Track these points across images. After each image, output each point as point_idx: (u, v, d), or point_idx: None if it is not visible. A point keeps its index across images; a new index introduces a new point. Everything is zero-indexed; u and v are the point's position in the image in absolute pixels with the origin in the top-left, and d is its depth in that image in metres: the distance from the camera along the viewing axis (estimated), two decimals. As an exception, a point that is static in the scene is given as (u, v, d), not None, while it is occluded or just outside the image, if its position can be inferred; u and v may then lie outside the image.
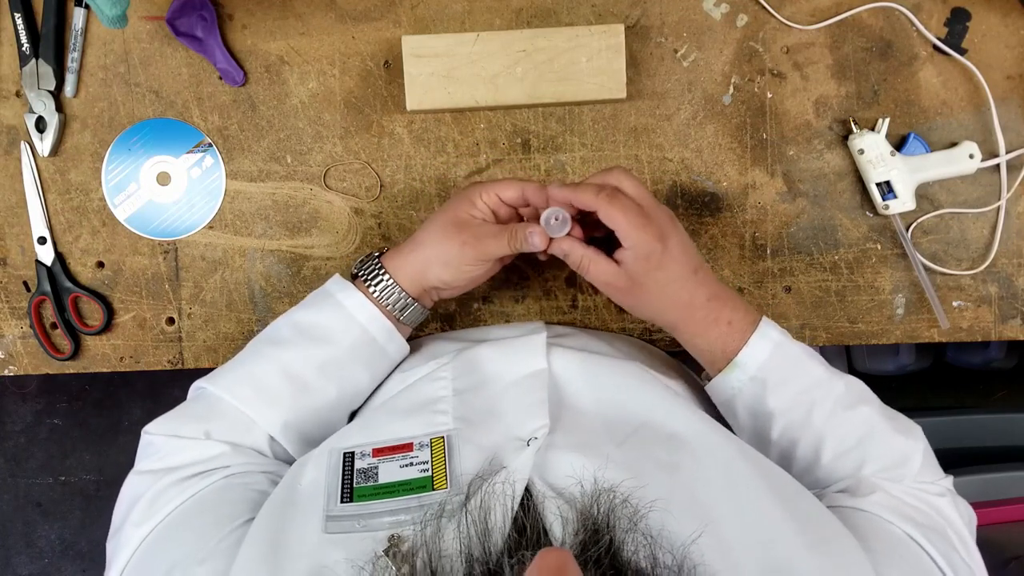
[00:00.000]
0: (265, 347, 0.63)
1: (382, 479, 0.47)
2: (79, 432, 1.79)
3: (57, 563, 1.80)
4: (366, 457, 0.49)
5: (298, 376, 0.60)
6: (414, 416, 0.53)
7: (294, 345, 0.62)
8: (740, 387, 0.60)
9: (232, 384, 0.61)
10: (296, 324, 0.63)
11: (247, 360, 0.62)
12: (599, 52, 0.70)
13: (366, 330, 0.62)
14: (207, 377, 0.62)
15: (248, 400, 0.60)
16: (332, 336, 0.61)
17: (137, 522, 0.52)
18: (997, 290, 0.75)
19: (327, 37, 0.74)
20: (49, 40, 0.72)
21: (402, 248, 0.63)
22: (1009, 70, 0.73)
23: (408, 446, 0.49)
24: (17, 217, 0.75)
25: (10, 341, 0.76)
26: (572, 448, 0.47)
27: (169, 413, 0.60)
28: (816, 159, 0.74)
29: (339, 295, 0.63)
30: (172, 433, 0.58)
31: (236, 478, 0.55)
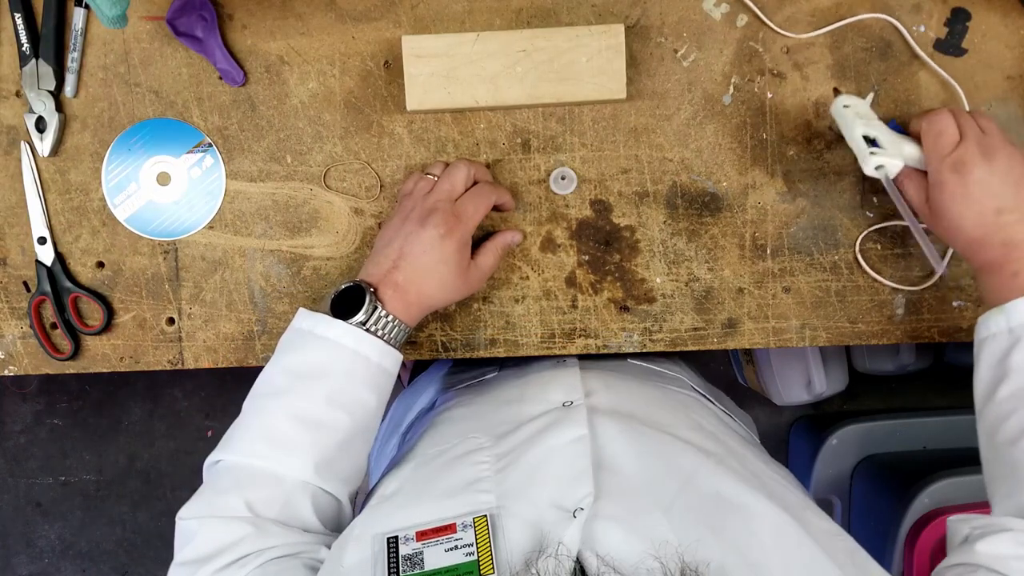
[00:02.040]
0: (265, 401, 0.61)
1: (428, 565, 0.46)
2: (79, 432, 1.79)
3: (57, 563, 1.80)
4: (410, 542, 0.48)
5: (309, 417, 0.59)
6: (455, 497, 0.51)
7: (293, 390, 0.60)
8: (995, 333, 0.60)
9: (247, 446, 0.59)
10: (288, 370, 0.62)
11: (252, 419, 0.61)
12: (599, 52, 0.70)
13: (357, 352, 0.61)
14: (217, 449, 0.60)
15: (268, 456, 0.58)
16: (326, 369, 0.60)
17: None
18: (997, 290, 0.75)
19: (327, 37, 0.74)
20: (49, 40, 0.72)
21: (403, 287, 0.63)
22: (1009, 70, 0.73)
23: (451, 527, 0.48)
24: (17, 217, 0.75)
25: (10, 341, 0.76)
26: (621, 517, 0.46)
27: (197, 495, 0.59)
28: (816, 159, 0.74)
29: (318, 330, 0.61)
30: (208, 514, 0.57)
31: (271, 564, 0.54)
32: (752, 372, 1.58)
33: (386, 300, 0.62)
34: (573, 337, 0.75)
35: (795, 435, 1.70)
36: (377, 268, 0.64)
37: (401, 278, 0.63)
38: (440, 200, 0.64)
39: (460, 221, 0.63)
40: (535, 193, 0.74)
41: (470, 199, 0.65)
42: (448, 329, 0.76)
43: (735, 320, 0.75)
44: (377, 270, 0.64)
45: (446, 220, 0.63)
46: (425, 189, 0.67)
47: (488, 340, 0.76)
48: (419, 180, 0.68)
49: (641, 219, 0.75)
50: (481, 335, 0.76)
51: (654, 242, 0.75)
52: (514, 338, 0.75)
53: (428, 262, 0.63)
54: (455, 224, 0.63)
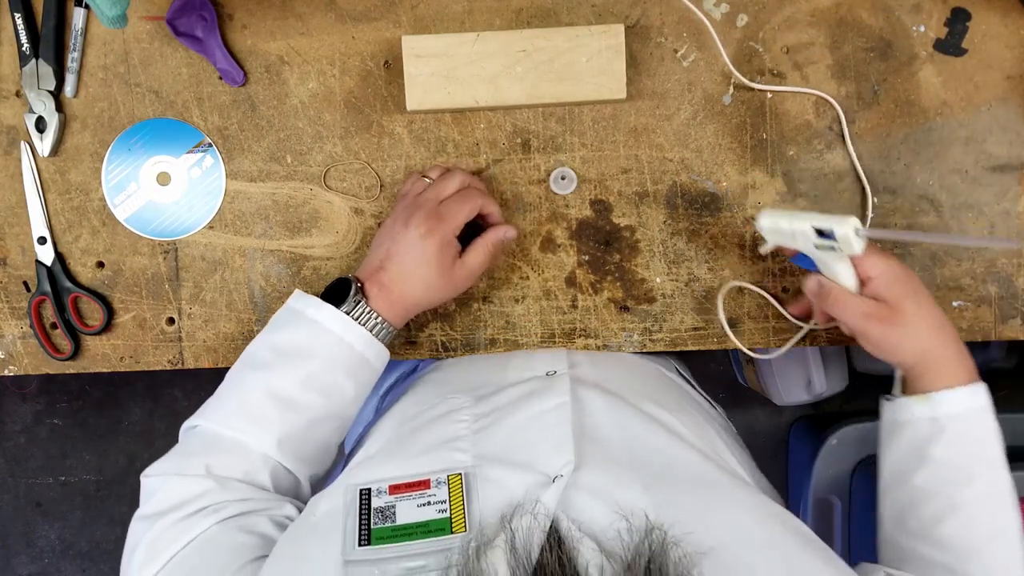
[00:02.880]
0: (247, 373, 0.63)
1: (400, 519, 0.47)
2: (79, 432, 1.79)
3: (57, 563, 1.80)
4: (383, 495, 0.48)
5: (283, 395, 0.60)
6: (431, 453, 0.52)
7: (274, 366, 0.61)
8: (916, 419, 0.61)
9: (221, 415, 0.61)
10: (273, 346, 0.63)
11: (231, 389, 0.62)
12: (599, 52, 0.70)
13: (342, 339, 0.62)
14: (196, 414, 0.62)
15: (239, 427, 0.60)
16: (310, 350, 0.61)
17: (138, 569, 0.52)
18: (997, 290, 0.75)
19: (327, 37, 0.74)
20: (49, 40, 0.72)
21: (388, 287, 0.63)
22: (1009, 70, 0.73)
23: (425, 483, 0.48)
24: (17, 217, 0.75)
25: (10, 341, 0.76)
26: (600, 487, 0.46)
27: (166, 455, 0.60)
28: (816, 159, 0.74)
29: (309, 311, 0.62)
30: (172, 472, 0.58)
31: (232, 521, 0.54)
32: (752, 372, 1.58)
33: (371, 297, 0.63)
34: (573, 337, 0.75)
35: (795, 435, 1.70)
36: (367, 267, 0.65)
37: (386, 278, 0.64)
38: (426, 201, 0.65)
39: (441, 221, 0.63)
40: (535, 193, 0.74)
41: (454, 200, 0.65)
42: (448, 329, 0.76)
43: (735, 320, 0.75)
44: (367, 268, 0.65)
45: (427, 219, 0.63)
46: (418, 191, 0.67)
47: (488, 340, 0.76)
48: (415, 182, 0.69)
49: (641, 219, 0.75)
50: (481, 335, 0.76)
51: (654, 242, 0.75)
52: (514, 338, 0.75)
53: (410, 262, 0.63)
54: (436, 224, 0.63)
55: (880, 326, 0.61)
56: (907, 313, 0.60)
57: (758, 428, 1.72)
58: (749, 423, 1.72)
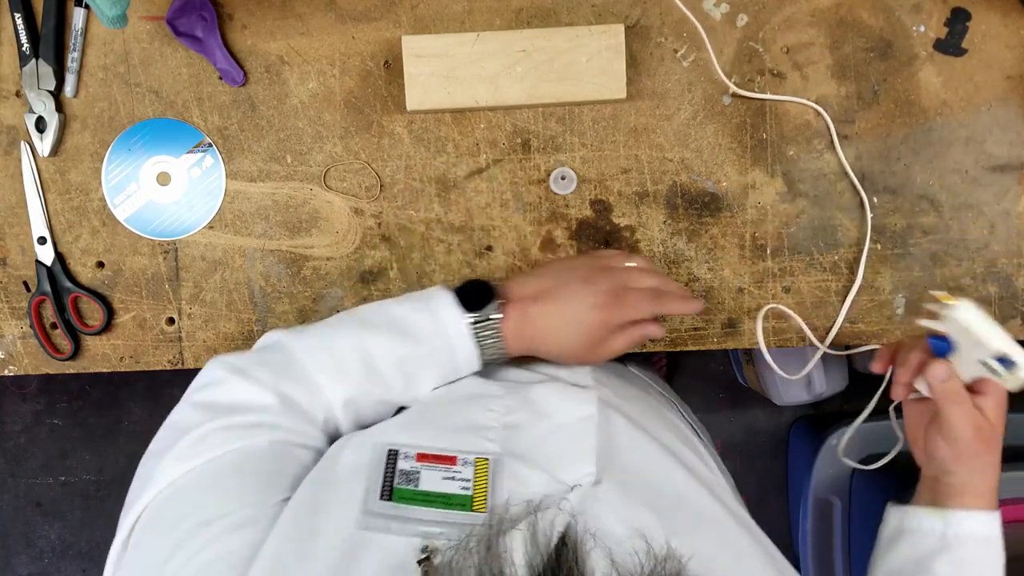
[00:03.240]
0: (353, 326, 0.62)
1: (423, 486, 0.47)
2: (79, 432, 1.79)
3: (57, 563, 1.80)
4: (410, 459, 0.49)
5: (374, 362, 0.60)
6: (460, 434, 0.52)
7: (381, 333, 0.61)
8: (927, 532, 0.61)
9: (312, 348, 0.60)
10: (388, 314, 0.62)
11: (332, 331, 0.61)
12: (599, 52, 0.70)
13: (451, 345, 0.61)
14: (287, 332, 0.61)
15: (323, 368, 0.59)
16: (419, 337, 0.61)
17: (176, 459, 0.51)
18: (997, 290, 0.75)
19: (327, 37, 0.74)
20: (49, 40, 0.72)
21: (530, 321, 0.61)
22: (1009, 70, 0.73)
23: (452, 459, 0.49)
24: (17, 217, 0.75)
25: (10, 341, 0.76)
26: (616, 504, 0.47)
27: (245, 353, 0.60)
28: (816, 159, 0.74)
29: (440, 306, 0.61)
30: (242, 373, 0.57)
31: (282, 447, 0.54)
32: (752, 372, 1.58)
33: (508, 318, 0.61)
34: (573, 337, 0.75)
35: (795, 435, 1.70)
36: (521, 288, 0.63)
37: (534, 312, 0.61)
38: (620, 279, 0.63)
39: (620, 306, 0.61)
40: (535, 193, 0.74)
41: (644, 296, 0.63)
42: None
43: (735, 320, 0.75)
44: (520, 290, 0.63)
45: (609, 295, 0.61)
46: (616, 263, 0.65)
47: (488, 340, 0.76)
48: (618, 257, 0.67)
49: (641, 219, 0.75)
50: (481, 335, 0.76)
51: (654, 242, 0.75)
52: (514, 338, 0.75)
53: (567, 318, 0.61)
54: (614, 304, 0.61)
55: (976, 443, 0.59)
56: (997, 442, 0.60)
57: (758, 428, 1.72)
58: (749, 423, 1.72)
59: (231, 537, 0.45)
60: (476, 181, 0.75)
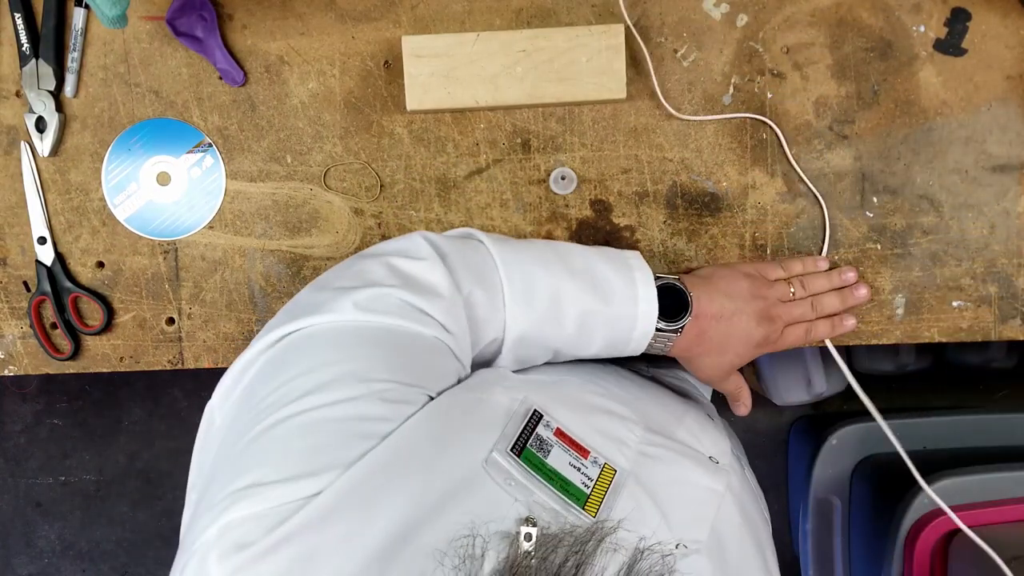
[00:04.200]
0: (555, 262, 0.62)
1: (550, 461, 0.47)
2: (79, 432, 1.79)
3: (57, 563, 1.80)
4: (549, 429, 0.49)
5: (562, 305, 0.60)
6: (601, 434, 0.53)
7: (579, 280, 0.62)
8: None
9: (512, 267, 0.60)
10: (591, 267, 0.63)
11: (533, 257, 0.62)
12: (599, 52, 0.70)
13: (634, 317, 0.62)
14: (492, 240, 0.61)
15: (515, 293, 0.59)
16: (610, 299, 0.62)
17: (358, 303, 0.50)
18: (997, 290, 0.75)
19: (327, 37, 0.74)
20: (49, 40, 0.72)
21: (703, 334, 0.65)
22: (1009, 70, 0.73)
23: (586, 452, 0.50)
24: (17, 217, 0.75)
25: (10, 341, 0.76)
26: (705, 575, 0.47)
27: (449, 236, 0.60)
28: (816, 159, 0.74)
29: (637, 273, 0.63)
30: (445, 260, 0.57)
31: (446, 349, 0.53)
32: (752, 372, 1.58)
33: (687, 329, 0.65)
34: (573, 337, 0.75)
35: (795, 435, 1.70)
36: (711, 306, 0.65)
37: (710, 329, 0.65)
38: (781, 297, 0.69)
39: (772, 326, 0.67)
40: (535, 193, 0.74)
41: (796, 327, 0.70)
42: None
43: (735, 320, 0.75)
44: (710, 308, 0.65)
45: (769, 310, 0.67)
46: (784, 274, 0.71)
47: (488, 340, 0.76)
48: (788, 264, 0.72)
49: (641, 219, 0.75)
50: (481, 335, 0.76)
51: (654, 242, 0.75)
52: (514, 338, 0.75)
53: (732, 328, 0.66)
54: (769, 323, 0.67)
55: None
56: None
57: (758, 428, 1.72)
58: (749, 423, 1.72)
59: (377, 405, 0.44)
60: (476, 181, 0.75)
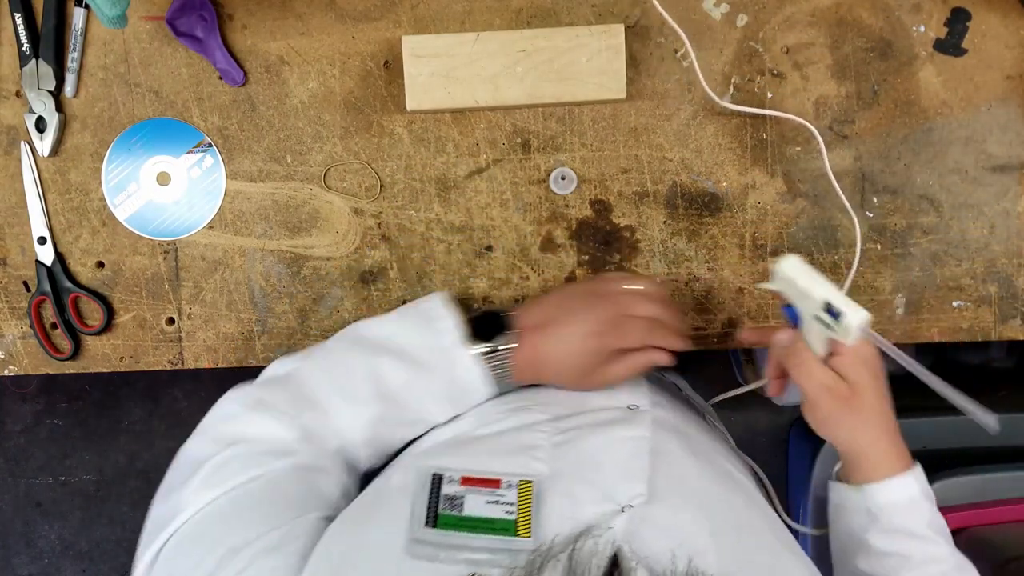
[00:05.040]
0: (358, 348, 0.62)
1: (467, 511, 0.47)
2: (79, 432, 1.79)
3: (57, 563, 1.80)
4: (454, 483, 0.48)
5: (384, 387, 0.60)
6: (508, 456, 0.52)
7: (387, 356, 0.61)
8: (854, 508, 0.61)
9: (323, 375, 0.60)
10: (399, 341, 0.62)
11: (341, 356, 0.62)
12: (599, 52, 0.70)
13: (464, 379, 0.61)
14: (295, 359, 0.62)
15: (336, 395, 0.59)
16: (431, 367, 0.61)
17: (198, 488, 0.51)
18: (997, 290, 0.75)
19: (327, 37, 0.74)
20: (49, 40, 0.72)
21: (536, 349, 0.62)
22: (1009, 70, 0.73)
23: (496, 482, 0.48)
24: (17, 217, 0.75)
25: (10, 341, 0.76)
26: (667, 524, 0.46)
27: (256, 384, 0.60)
28: (816, 159, 0.74)
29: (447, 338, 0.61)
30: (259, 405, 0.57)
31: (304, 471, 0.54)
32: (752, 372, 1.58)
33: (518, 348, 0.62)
34: (573, 337, 0.75)
35: (795, 435, 1.70)
36: (531, 317, 0.63)
37: (539, 340, 0.62)
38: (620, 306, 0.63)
39: (616, 335, 0.61)
40: (535, 193, 0.75)
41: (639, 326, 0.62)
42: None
43: (735, 320, 0.75)
44: (530, 319, 0.63)
45: (604, 324, 0.62)
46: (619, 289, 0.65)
47: (488, 340, 0.76)
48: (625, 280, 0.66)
49: (641, 219, 0.75)
50: (481, 335, 0.76)
51: (654, 242, 0.75)
52: (514, 338, 0.75)
53: (565, 349, 0.62)
54: (609, 333, 0.61)
55: (833, 403, 0.59)
56: (864, 401, 0.59)
57: (758, 428, 1.72)
58: (749, 423, 1.72)
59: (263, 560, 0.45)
60: (476, 181, 0.75)
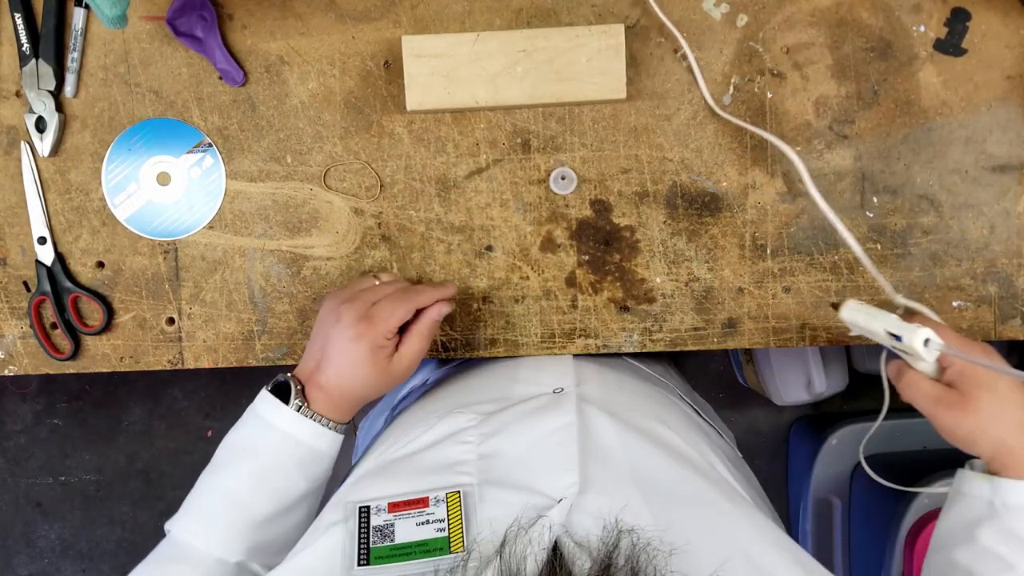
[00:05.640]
0: (207, 476, 0.63)
1: (399, 538, 0.46)
2: (79, 432, 1.79)
3: (57, 563, 1.80)
4: (382, 512, 0.48)
5: (233, 496, 0.60)
6: (435, 474, 0.51)
7: (226, 465, 0.62)
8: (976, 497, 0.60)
9: (184, 522, 0.61)
10: (228, 445, 0.63)
11: (195, 494, 0.63)
12: (599, 52, 0.70)
13: (288, 434, 0.61)
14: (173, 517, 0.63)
15: (196, 533, 0.60)
16: (256, 447, 0.61)
17: None
18: (997, 290, 0.75)
19: (327, 37, 0.74)
20: (49, 40, 0.72)
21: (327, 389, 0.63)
22: (1009, 70, 0.73)
23: (424, 501, 0.48)
24: (17, 217, 0.75)
25: (10, 341, 0.76)
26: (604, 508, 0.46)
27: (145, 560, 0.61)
28: (816, 159, 0.74)
29: (259, 406, 0.63)
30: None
31: None
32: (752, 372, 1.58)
33: (312, 400, 0.63)
34: (573, 337, 0.75)
35: (795, 435, 1.70)
36: (305, 365, 0.65)
37: (323, 379, 0.63)
38: (361, 301, 0.64)
39: (372, 324, 0.62)
40: (535, 193, 0.75)
41: (387, 302, 0.64)
42: (448, 329, 0.76)
43: (735, 320, 0.75)
44: (305, 368, 0.64)
45: (358, 323, 0.62)
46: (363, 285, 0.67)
47: (488, 340, 0.76)
48: (363, 280, 0.69)
49: (641, 219, 0.75)
50: (481, 335, 0.76)
51: (654, 242, 0.75)
52: (514, 338, 0.76)
53: (345, 365, 0.62)
54: (367, 327, 0.62)
55: (949, 412, 0.59)
56: (980, 401, 0.58)
57: (758, 428, 1.72)
58: (749, 423, 1.72)
59: None
60: (476, 181, 0.75)
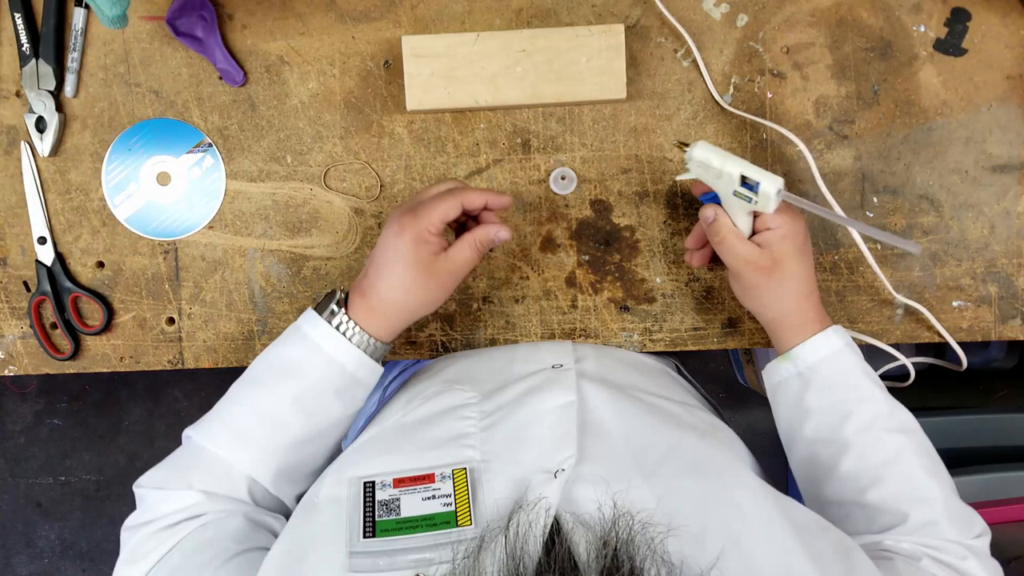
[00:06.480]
0: (241, 389, 0.63)
1: (404, 512, 0.47)
2: (79, 432, 1.79)
3: (57, 563, 1.80)
4: (387, 488, 0.48)
5: (270, 414, 0.60)
6: (439, 448, 0.52)
7: (265, 383, 0.61)
8: (786, 378, 0.64)
9: (211, 431, 0.61)
10: (268, 361, 0.63)
11: (225, 404, 0.62)
12: (599, 52, 0.70)
13: (333, 359, 0.60)
14: (194, 425, 0.62)
15: (225, 445, 0.60)
16: (300, 368, 0.61)
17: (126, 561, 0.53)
18: (997, 290, 0.75)
19: (327, 37, 0.74)
20: (49, 40, 0.72)
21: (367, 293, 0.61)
22: (1009, 70, 0.73)
23: (430, 477, 0.49)
24: (17, 217, 0.75)
25: (10, 341, 0.76)
26: (598, 479, 0.47)
27: (158, 465, 0.61)
28: (816, 159, 0.74)
29: (305, 327, 0.62)
30: (157, 485, 0.58)
31: (213, 524, 0.55)
32: (752, 372, 1.58)
33: (352, 306, 0.61)
34: (573, 337, 0.75)
35: (795, 435, 1.70)
36: (356, 280, 0.64)
37: (366, 284, 0.61)
38: (406, 203, 0.63)
39: (416, 216, 0.59)
40: (535, 193, 0.75)
41: (430, 199, 0.61)
42: (448, 329, 0.76)
43: (735, 320, 0.75)
44: (355, 281, 0.64)
45: (402, 217, 0.60)
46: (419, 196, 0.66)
47: (488, 340, 0.76)
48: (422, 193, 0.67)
49: (641, 219, 0.75)
50: (481, 335, 0.76)
51: (654, 242, 0.75)
52: (514, 338, 0.75)
53: (383, 261, 0.60)
54: (410, 220, 0.59)
55: (756, 274, 0.62)
56: (785, 271, 0.62)
57: (758, 428, 1.72)
58: (749, 423, 1.72)
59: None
60: (476, 181, 0.75)
